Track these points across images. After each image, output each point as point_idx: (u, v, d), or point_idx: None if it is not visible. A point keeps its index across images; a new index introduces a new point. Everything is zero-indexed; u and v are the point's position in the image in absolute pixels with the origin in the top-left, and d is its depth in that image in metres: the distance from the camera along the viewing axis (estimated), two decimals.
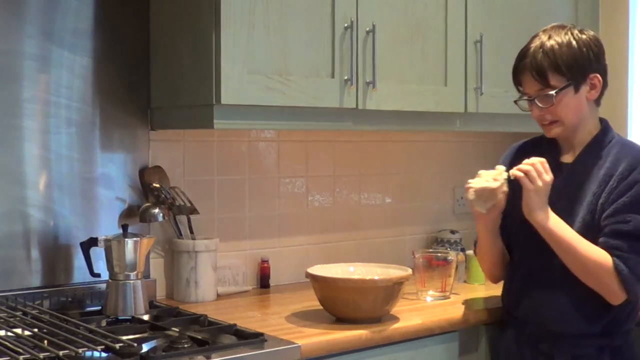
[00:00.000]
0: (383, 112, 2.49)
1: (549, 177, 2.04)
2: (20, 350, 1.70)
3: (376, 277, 2.22)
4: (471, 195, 2.09)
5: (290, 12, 2.26)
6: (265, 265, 2.67)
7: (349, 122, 2.44)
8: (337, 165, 2.89)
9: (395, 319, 2.20)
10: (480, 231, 2.23)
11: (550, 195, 2.05)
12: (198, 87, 2.18)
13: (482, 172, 2.13)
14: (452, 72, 2.65)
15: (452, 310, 2.35)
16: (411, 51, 2.55)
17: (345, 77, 2.36)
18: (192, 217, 2.47)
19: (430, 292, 2.49)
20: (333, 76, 2.34)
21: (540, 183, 2.02)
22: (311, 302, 2.32)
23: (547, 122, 2.14)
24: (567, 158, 2.18)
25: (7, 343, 1.76)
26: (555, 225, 2.04)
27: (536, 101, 2.11)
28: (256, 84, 2.18)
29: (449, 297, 2.50)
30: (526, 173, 2.03)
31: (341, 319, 2.17)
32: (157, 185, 2.39)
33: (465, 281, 2.75)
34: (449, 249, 2.86)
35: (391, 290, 2.16)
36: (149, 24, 2.39)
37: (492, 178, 2.09)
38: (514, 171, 2.06)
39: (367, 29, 2.40)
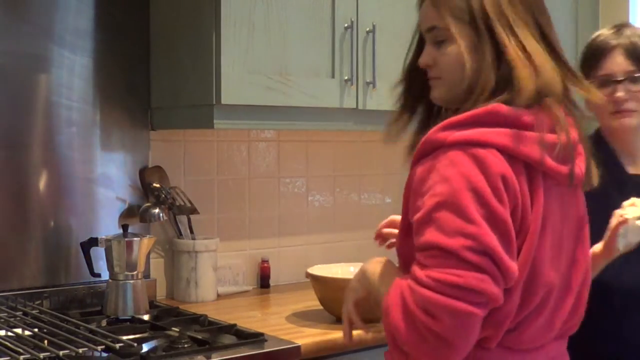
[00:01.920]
0: (383, 112, 2.48)
1: None
2: (21, 350, 1.70)
3: None
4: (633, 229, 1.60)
5: (291, 12, 2.26)
6: (265, 265, 2.67)
7: (349, 122, 2.44)
8: (337, 165, 2.88)
9: None
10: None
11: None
12: (198, 87, 2.18)
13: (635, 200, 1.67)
14: None
15: None
16: None
17: (345, 77, 2.36)
18: (192, 217, 2.47)
19: None
20: (333, 76, 2.34)
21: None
22: (311, 302, 2.32)
23: (625, 110, 1.82)
24: (634, 169, 1.88)
25: (7, 343, 1.77)
26: None
27: (627, 82, 1.82)
28: (256, 84, 2.18)
29: None
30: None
31: (341, 319, 2.16)
32: (157, 185, 2.39)
33: None
34: None
35: None
36: (149, 24, 2.38)
37: None
38: None
39: (367, 29, 2.40)
